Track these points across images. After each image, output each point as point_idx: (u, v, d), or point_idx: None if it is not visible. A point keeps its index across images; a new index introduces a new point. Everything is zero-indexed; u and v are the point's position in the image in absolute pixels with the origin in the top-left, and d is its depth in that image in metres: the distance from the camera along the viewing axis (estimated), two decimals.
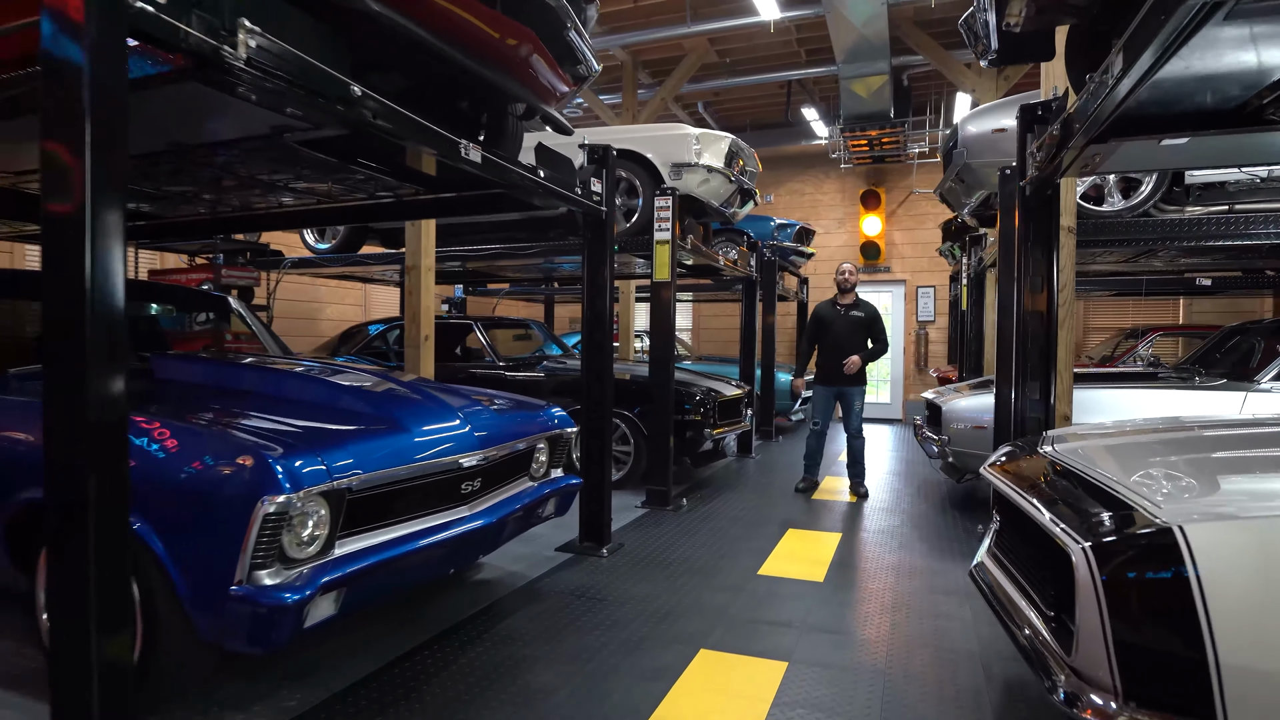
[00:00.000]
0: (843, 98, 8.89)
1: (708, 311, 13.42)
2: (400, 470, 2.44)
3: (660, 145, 5.84)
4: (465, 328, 6.94)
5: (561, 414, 3.61)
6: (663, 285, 5.39)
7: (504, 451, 3.04)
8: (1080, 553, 1.38)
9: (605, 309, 4.18)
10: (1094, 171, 3.05)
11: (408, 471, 2.48)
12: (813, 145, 11.26)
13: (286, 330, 9.31)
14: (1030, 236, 3.44)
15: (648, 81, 9.76)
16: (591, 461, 4.22)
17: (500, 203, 3.84)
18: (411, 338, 5.22)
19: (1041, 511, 1.57)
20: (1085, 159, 2.81)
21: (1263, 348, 5.65)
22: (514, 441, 3.15)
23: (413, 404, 2.88)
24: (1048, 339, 3.44)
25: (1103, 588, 1.33)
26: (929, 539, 4.61)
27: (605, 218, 4.14)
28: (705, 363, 10.39)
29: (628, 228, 5.88)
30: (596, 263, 4.20)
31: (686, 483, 6.31)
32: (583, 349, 4.25)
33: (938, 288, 11.86)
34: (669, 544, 4.38)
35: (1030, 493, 1.72)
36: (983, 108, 5.18)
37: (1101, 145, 2.62)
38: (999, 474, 2.00)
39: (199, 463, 2.09)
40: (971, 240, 7.30)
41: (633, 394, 5.96)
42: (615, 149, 5.73)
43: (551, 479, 3.56)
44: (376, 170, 3.21)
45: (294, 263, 7.07)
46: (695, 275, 8.45)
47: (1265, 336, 5.71)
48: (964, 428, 5.17)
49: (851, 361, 5.76)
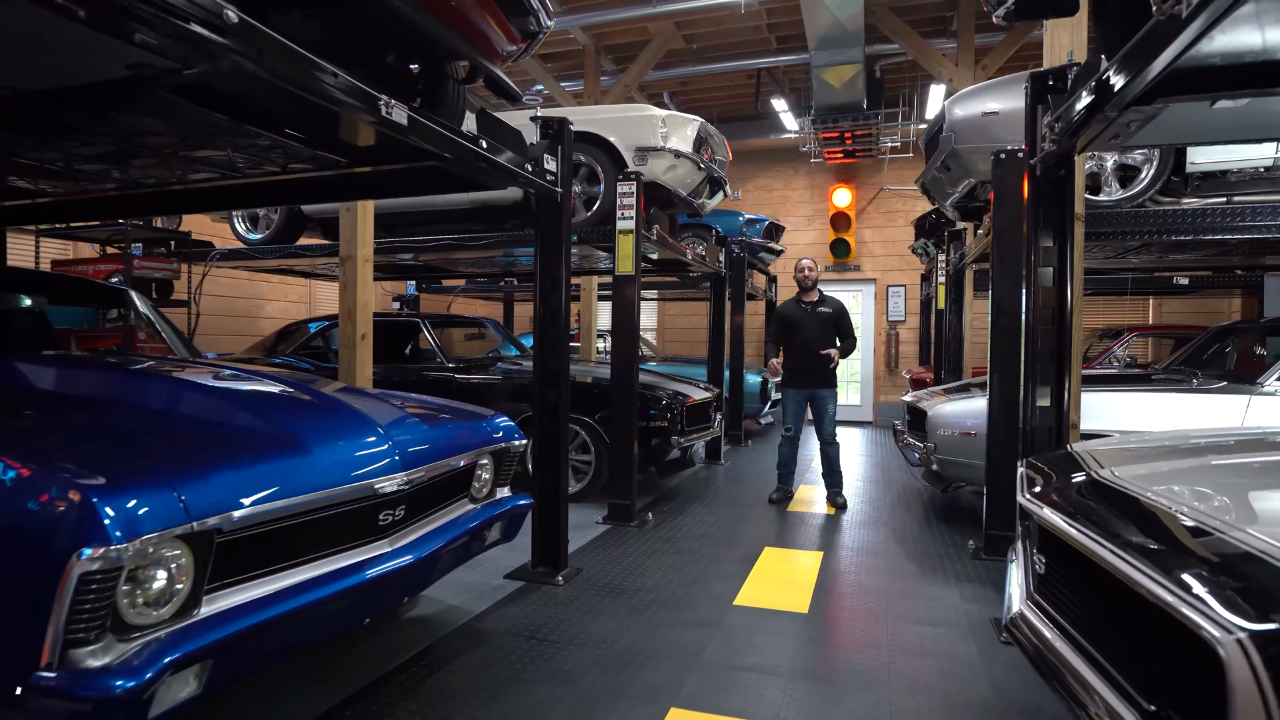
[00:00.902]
0: (815, 88, 8.52)
1: (673, 310, 12.98)
2: (294, 501, 1.93)
3: (623, 127, 5.37)
4: (411, 326, 6.39)
5: (508, 424, 3.12)
6: (626, 279, 4.92)
7: (436, 471, 2.54)
8: (1235, 646, 0.95)
9: (561, 304, 3.69)
10: (1122, 145, 2.67)
11: (305, 502, 1.96)
12: (782, 139, 10.89)
13: (223, 329, 8.63)
14: (1040, 221, 3.05)
15: (611, 68, 9.28)
16: (546, 476, 3.73)
17: (438, 181, 3.33)
18: (346, 337, 4.68)
19: (1155, 578, 1.14)
20: (1118, 129, 2.41)
21: (1256, 349, 5.40)
22: (450, 458, 2.65)
23: (319, 417, 2.37)
24: (1060, 337, 3.06)
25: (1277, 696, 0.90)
26: (917, 557, 4.21)
27: (561, 200, 3.66)
28: (671, 364, 9.95)
29: (588, 217, 5.40)
30: (551, 251, 3.71)
31: (652, 494, 5.84)
32: (535, 349, 3.77)
33: (908, 286, 11.58)
34: (633, 568, 3.91)
35: (1123, 547, 1.28)
36: (972, 89, 4.82)
37: (1144, 109, 2.22)
38: (1054, 511, 1.57)
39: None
40: (950, 236, 6.97)
41: (593, 398, 5.48)
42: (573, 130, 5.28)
43: (497, 500, 3.07)
44: (286, 137, 2.68)
45: (223, 255, 6.44)
46: (660, 271, 7.99)
47: (1257, 337, 5.46)
48: (951, 434, 4.80)
49: (833, 354, 5.36)
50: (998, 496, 4.19)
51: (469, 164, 2.93)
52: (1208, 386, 4.61)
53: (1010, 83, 4.68)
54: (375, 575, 2.19)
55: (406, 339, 6.64)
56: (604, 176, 5.36)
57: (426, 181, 3.41)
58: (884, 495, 6.00)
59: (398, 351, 6.71)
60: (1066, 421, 3.03)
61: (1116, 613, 1.36)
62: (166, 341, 3.82)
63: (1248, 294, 9.94)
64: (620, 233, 4.86)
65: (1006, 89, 4.64)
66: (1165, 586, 1.10)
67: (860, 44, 7.63)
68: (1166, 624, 1.11)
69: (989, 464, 4.23)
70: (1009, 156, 4.14)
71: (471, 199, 5.89)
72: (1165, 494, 1.45)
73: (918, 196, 11.40)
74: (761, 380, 9.39)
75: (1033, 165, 3.02)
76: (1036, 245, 3.06)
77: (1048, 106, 2.93)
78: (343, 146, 2.94)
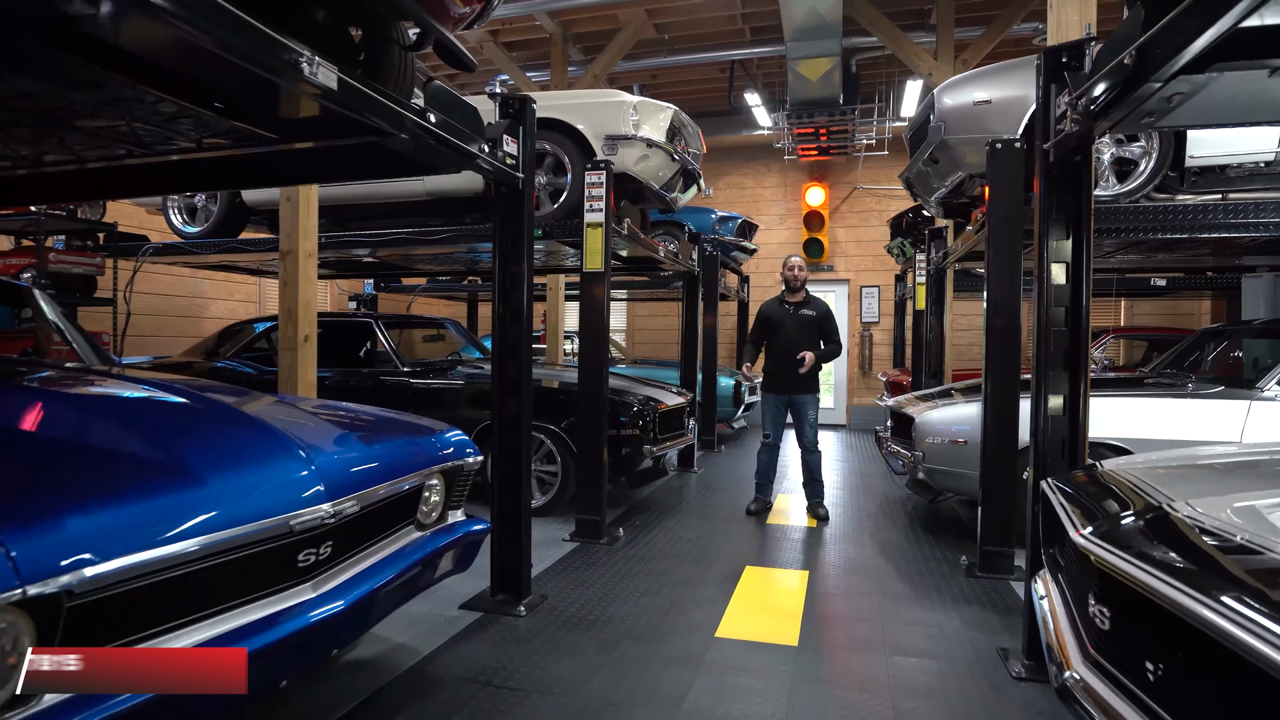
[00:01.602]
0: (790, 82, 8.23)
1: (642, 311, 12.64)
2: (178, 549, 1.53)
3: (592, 114, 5.01)
4: (363, 327, 5.95)
5: (460, 438, 2.74)
6: (595, 277, 4.56)
7: (373, 498, 2.15)
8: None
9: (523, 302, 3.32)
10: (1153, 125, 2.39)
11: (194, 548, 1.57)
12: (755, 136, 10.61)
13: (162, 329, 8.07)
14: (1052, 212, 2.76)
15: (579, 58, 8.90)
16: (506, 496, 3.35)
17: (383, 162, 2.94)
18: (287, 339, 4.26)
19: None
20: (1156, 104, 2.12)
21: (1247, 352, 5.22)
22: (390, 481, 2.26)
23: (226, 439, 1.97)
24: (1074, 339, 2.77)
25: None
26: (909, 576, 3.92)
27: (523, 187, 3.28)
28: (640, 366, 9.60)
29: (554, 210, 5.03)
30: (511, 244, 3.33)
31: (622, 506, 5.49)
32: (494, 353, 3.39)
33: (882, 287, 11.39)
34: (604, 594, 3.55)
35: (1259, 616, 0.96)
36: (962, 76, 4.55)
37: (1193, 79, 1.93)
38: (1145, 566, 1.25)
39: None
40: (932, 234, 6.73)
41: (560, 404, 5.11)
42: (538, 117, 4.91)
43: (448, 525, 2.68)
44: (195, 103, 2.27)
45: (157, 250, 5.93)
46: (630, 270, 7.66)
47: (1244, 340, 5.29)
48: (940, 442, 4.52)
49: (806, 357, 5.06)
50: (993, 510, 3.92)
51: (416, 141, 2.54)
52: (1204, 391, 4.40)
53: (1004, 70, 4.42)
54: (294, 629, 1.80)
55: (360, 341, 6.20)
56: (571, 167, 5.00)
57: (369, 162, 3.03)
58: (865, 505, 5.72)
59: (350, 354, 6.26)
60: (1083, 432, 2.75)
61: (1230, 688, 1.04)
62: (74, 346, 3.36)
63: (1217, 296, 9.93)
64: (589, 226, 4.50)
65: (1000, 76, 4.38)
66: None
67: (838, 36, 7.36)
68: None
69: (984, 475, 3.95)
70: (1005, 146, 3.87)
71: (428, 189, 5.48)
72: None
73: (892, 196, 11.23)
74: (735, 383, 9.10)
75: (1046, 150, 2.73)
76: (1048, 238, 2.77)
77: (1063, 85, 2.65)
78: (269, 119, 2.53)
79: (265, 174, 3.31)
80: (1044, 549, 2.29)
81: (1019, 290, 3.89)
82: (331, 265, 7.91)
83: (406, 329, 7.04)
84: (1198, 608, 1.07)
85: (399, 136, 2.46)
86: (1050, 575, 2.11)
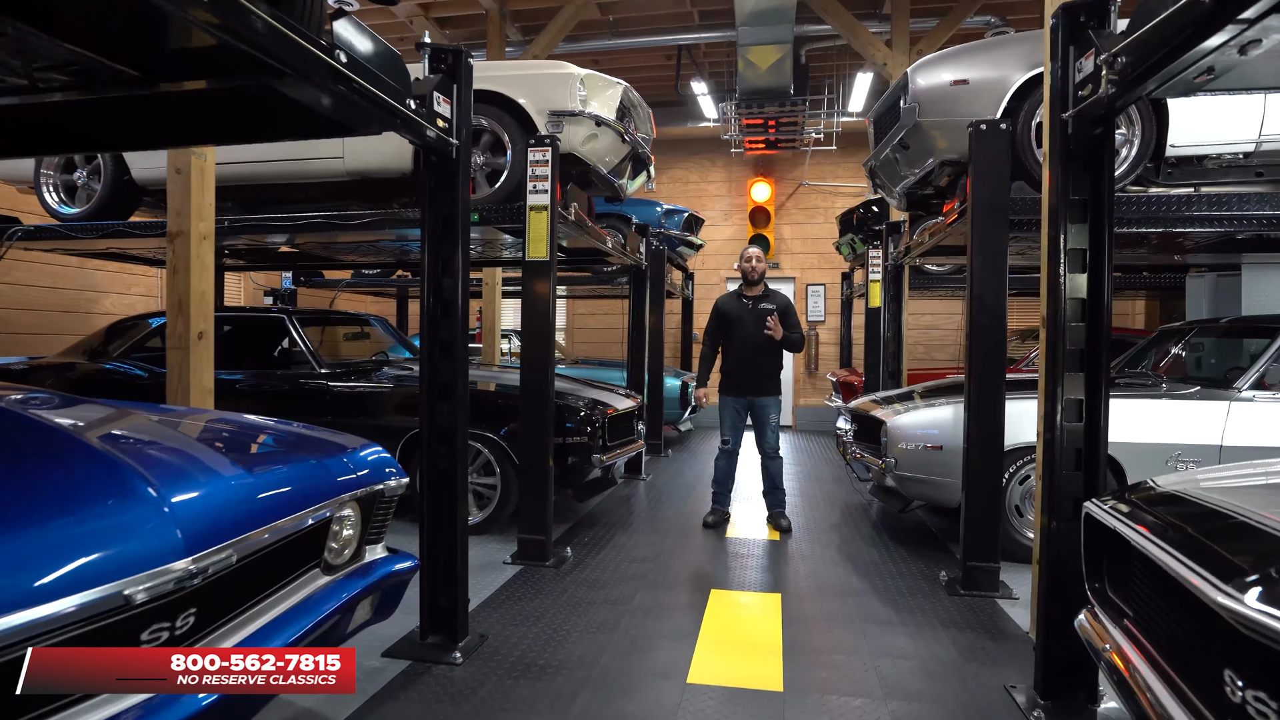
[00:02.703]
0: (740, 69, 7.89)
1: (583, 309, 12.14)
2: None
3: (535, 87, 4.51)
4: (274, 324, 5.29)
5: (379, 456, 2.23)
6: (539, 266, 4.07)
7: (256, 544, 1.63)
8: None
9: (457, 293, 2.81)
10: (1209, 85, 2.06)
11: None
12: (700, 128, 10.26)
13: (43, 325, 7.16)
14: (1069, 192, 2.43)
15: (517, 38, 8.36)
16: (438, 521, 2.83)
17: (281, 118, 2.39)
18: (177, 336, 3.65)
19: None
20: (1222, 58, 1.79)
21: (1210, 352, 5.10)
22: (283, 519, 1.74)
23: (32, 477, 1.42)
24: (1092, 338, 2.44)
25: None
26: (888, 597, 3.57)
27: (457, 155, 2.78)
28: (583, 367, 9.13)
29: (491, 193, 4.51)
30: (442, 224, 2.82)
31: (569, 520, 5.01)
32: (423, 353, 2.87)
33: (828, 285, 11.20)
34: (554, 630, 3.07)
35: None
36: (938, 55, 4.24)
37: None
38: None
39: None
40: (889, 228, 6.47)
41: (498, 409, 4.60)
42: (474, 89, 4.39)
43: (365, 565, 2.18)
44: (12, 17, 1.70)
45: (26, 233, 5.13)
46: (571, 263, 7.16)
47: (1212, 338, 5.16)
48: (914, 448, 4.21)
49: (771, 321, 4.68)
50: (977, 523, 3.60)
51: (320, 85, 2.02)
52: (1179, 392, 4.21)
53: (982, 49, 4.13)
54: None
55: (271, 340, 5.53)
56: (511, 146, 4.49)
57: (265, 119, 2.47)
58: (827, 513, 5.39)
59: (260, 355, 5.59)
60: (1102, 440, 2.43)
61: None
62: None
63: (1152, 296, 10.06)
64: (532, 210, 4.02)
65: (978, 55, 4.09)
66: None
67: (790, 21, 7.04)
68: None
69: (967, 485, 3.64)
70: (990, 127, 3.56)
71: (350, 168, 4.88)
72: None
73: (838, 193, 11.05)
74: (681, 384, 8.71)
75: (1065, 120, 2.40)
76: (1064, 222, 2.44)
77: (1085, 46, 2.32)
78: (124, 48, 1.96)
79: (134, 132, 2.70)
80: (1088, 581, 1.93)
81: (1004, 284, 3.59)
82: (243, 255, 7.18)
83: (327, 326, 6.39)
84: None
85: (299, 76, 1.94)
86: (1109, 618, 1.75)
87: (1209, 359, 5.06)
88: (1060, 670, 2.48)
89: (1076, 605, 2.45)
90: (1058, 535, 2.48)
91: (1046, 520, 2.52)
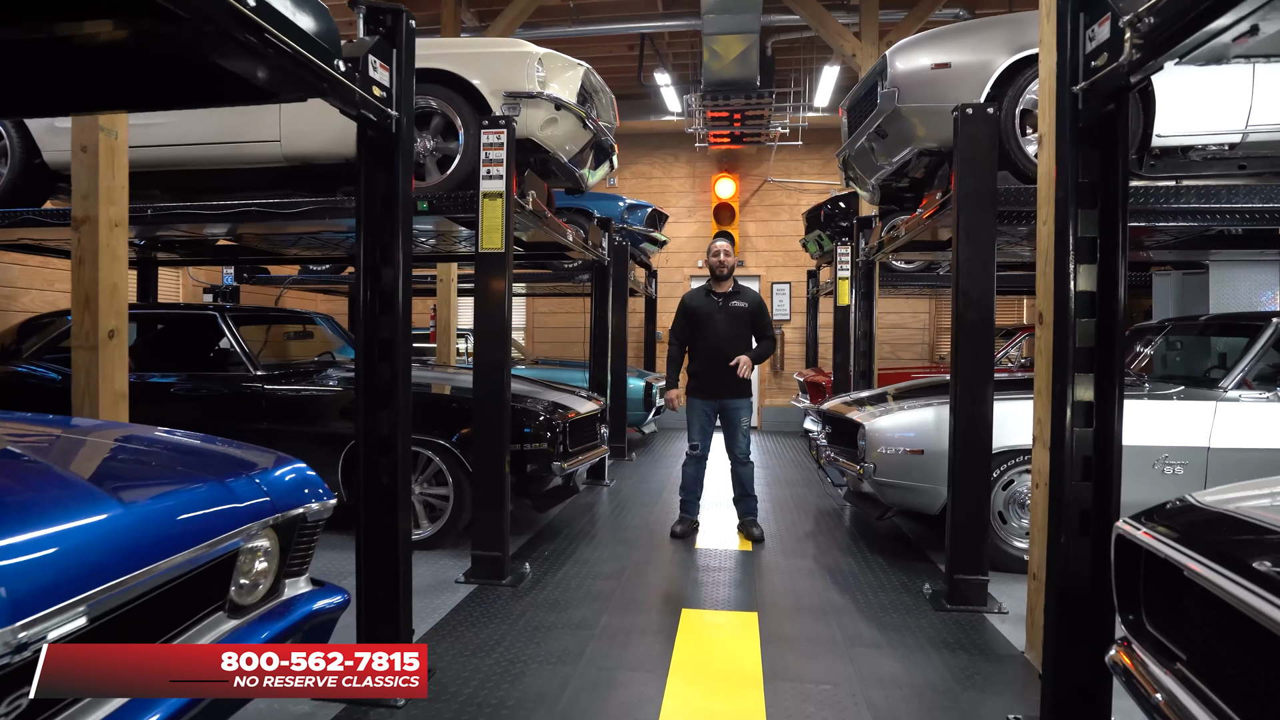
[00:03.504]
0: (705, 60, 7.65)
1: (543, 308, 11.78)
2: None
3: (489, 66, 4.18)
4: (205, 321, 4.87)
5: (299, 474, 1.90)
6: (494, 259, 3.75)
7: (120, 596, 1.29)
8: None
9: (397, 283, 2.48)
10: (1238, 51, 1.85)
11: None
12: (663, 122, 10.00)
13: None
14: (1079, 174, 2.21)
15: (473, 24, 7.99)
16: (377, 545, 2.49)
17: (185, 77, 2.05)
18: (83, 336, 3.26)
19: None
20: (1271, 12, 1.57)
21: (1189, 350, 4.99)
22: (159, 563, 1.40)
23: None
24: (1103, 335, 2.22)
25: None
26: (872, 614, 3.33)
27: (397, 130, 2.45)
28: (543, 368, 8.80)
29: (443, 180, 4.17)
30: (383, 206, 2.49)
31: (527, 531, 4.68)
32: (359, 352, 2.53)
33: (794, 284, 11.03)
34: (511, 661, 2.75)
35: None
36: (918, 37, 4.02)
37: None
38: None
39: None
40: (860, 223, 6.28)
41: (452, 413, 4.26)
42: (424, 68, 4.05)
43: (282, 603, 1.85)
44: None
45: None
46: (531, 258, 6.84)
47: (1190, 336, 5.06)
48: (895, 453, 3.98)
49: (742, 363, 4.45)
50: (964, 532, 3.39)
51: (223, 34, 1.68)
52: (1163, 392, 4.06)
53: (965, 31, 3.93)
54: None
55: (203, 339, 5.10)
56: (463, 129, 4.15)
57: (169, 79, 2.12)
58: (799, 520, 5.16)
59: (197, 356, 5.16)
60: (1116, 448, 2.21)
61: None
62: None
63: None
64: (485, 197, 3.69)
65: (961, 38, 3.88)
66: None
67: (757, 10, 6.83)
68: None
69: (953, 493, 3.42)
70: (977, 111, 3.35)
71: (288, 153, 4.50)
72: None
73: (803, 190, 10.89)
74: (645, 385, 8.43)
75: (1075, 94, 2.17)
76: (1074, 209, 2.22)
77: (1098, 12, 2.09)
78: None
79: (22, 94, 2.32)
80: (1121, 613, 1.70)
81: (993, 278, 3.38)
82: (178, 249, 6.68)
83: (267, 325, 5.96)
84: None
85: (197, 19, 1.60)
86: (1153, 659, 1.50)
87: (1187, 357, 4.95)
88: (1069, 699, 2.25)
89: (1084, 628, 2.24)
90: (1067, 552, 2.25)
91: (1055, 536, 2.28)
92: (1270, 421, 3.82)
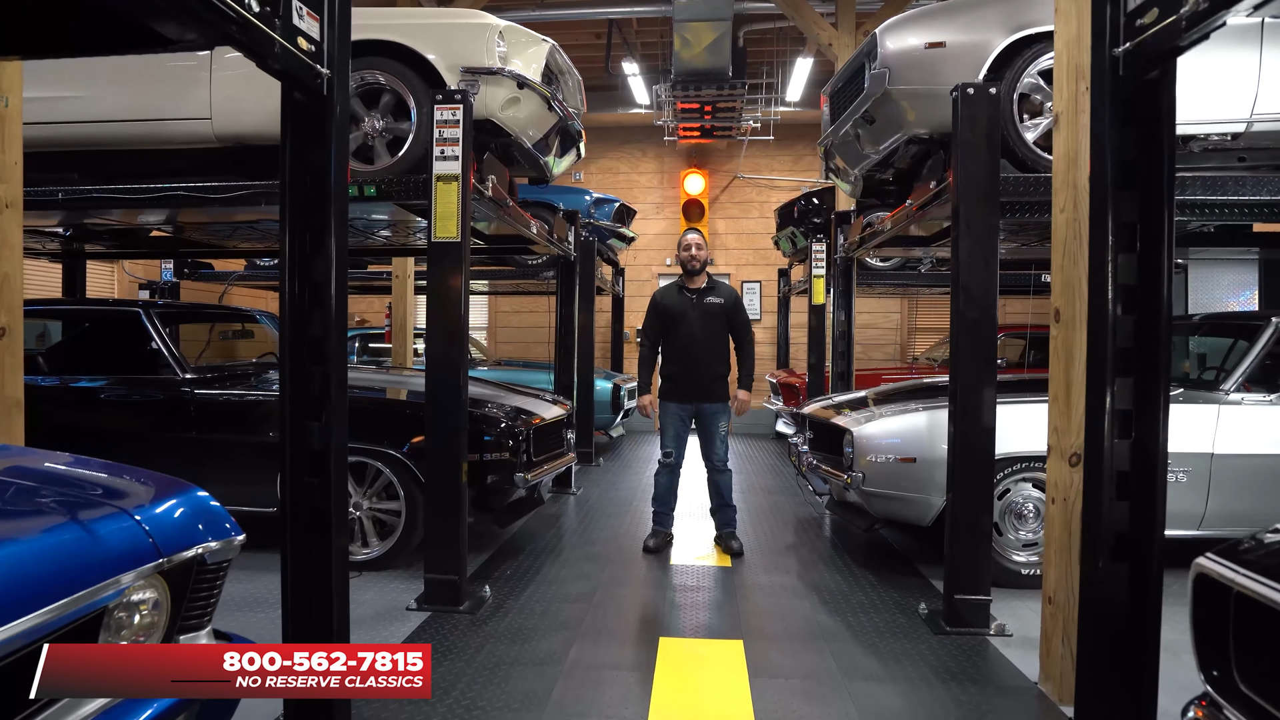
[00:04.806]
0: (675, 48, 7.34)
1: (506, 307, 11.36)
2: None
3: (444, 38, 3.80)
4: (126, 319, 4.40)
5: (193, 507, 1.53)
6: (448, 249, 3.38)
7: None
8: None
9: (331, 274, 2.11)
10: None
11: None
12: (631, 115, 9.67)
13: None
14: (1119, 151, 1.94)
15: (432, 6, 7.55)
16: (306, 579, 2.11)
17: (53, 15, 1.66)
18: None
19: None
20: None
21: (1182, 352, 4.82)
22: None
23: None
24: (1144, 334, 1.95)
25: None
26: (867, 639, 3.04)
27: (330, 91, 2.08)
28: (505, 369, 8.41)
29: (394, 163, 3.79)
30: (313, 183, 2.12)
31: (488, 548, 4.31)
32: (282, 352, 2.15)
33: (764, 283, 10.79)
34: (464, 709, 2.39)
35: None
36: (910, 14, 3.75)
37: None
38: None
39: None
40: (839, 218, 6.02)
41: (404, 420, 3.90)
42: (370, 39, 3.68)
43: None
44: None
45: None
46: (492, 254, 6.46)
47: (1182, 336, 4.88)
48: (885, 461, 3.71)
49: (742, 403, 4.23)
50: (964, 548, 3.12)
51: None
52: None
53: (960, 7, 3.67)
54: None
55: (125, 339, 4.62)
56: (416, 107, 3.77)
57: (34, 13, 1.72)
58: (779, 531, 4.87)
59: (122, 357, 4.67)
60: (1161, 463, 1.95)
61: None
62: None
63: None
64: (439, 180, 3.32)
65: (956, 15, 3.62)
66: None
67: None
68: None
69: (953, 505, 3.15)
70: (978, 91, 3.08)
71: (220, 132, 4.08)
72: None
73: (774, 187, 10.65)
74: (613, 386, 8.09)
75: (1116, 59, 1.90)
76: (1112, 191, 1.95)
77: None
78: None
79: None
80: (1203, 668, 1.41)
81: (995, 273, 3.11)
82: (107, 240, 6.15)
83: (204, 323, 5.49)
84: None
85: None
86: None
87: (1182, 358, 4.78)
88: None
89: (1119, 665, 1.97)
90: (1104, 579, 1.98)
91: (1091, 561, 2.01)
92: (1275, 425, 3.65)
